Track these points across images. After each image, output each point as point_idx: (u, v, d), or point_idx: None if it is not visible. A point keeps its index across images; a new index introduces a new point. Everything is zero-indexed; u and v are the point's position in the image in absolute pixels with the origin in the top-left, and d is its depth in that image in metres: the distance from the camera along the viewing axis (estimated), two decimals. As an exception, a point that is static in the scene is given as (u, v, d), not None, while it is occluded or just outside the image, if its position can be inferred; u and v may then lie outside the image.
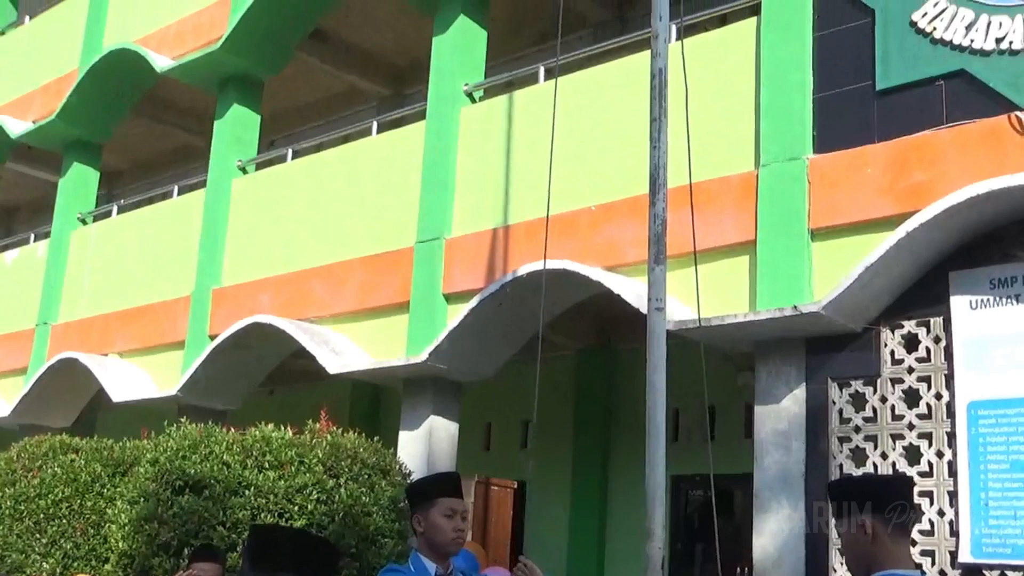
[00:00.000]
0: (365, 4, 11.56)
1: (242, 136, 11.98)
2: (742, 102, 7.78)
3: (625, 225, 8.15)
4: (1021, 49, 6.66)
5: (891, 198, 6.93)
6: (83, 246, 13.61)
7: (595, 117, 8.70)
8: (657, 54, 4.70)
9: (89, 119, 13.78)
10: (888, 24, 7.23)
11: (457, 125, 9.67)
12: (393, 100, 13.41)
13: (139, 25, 13.42)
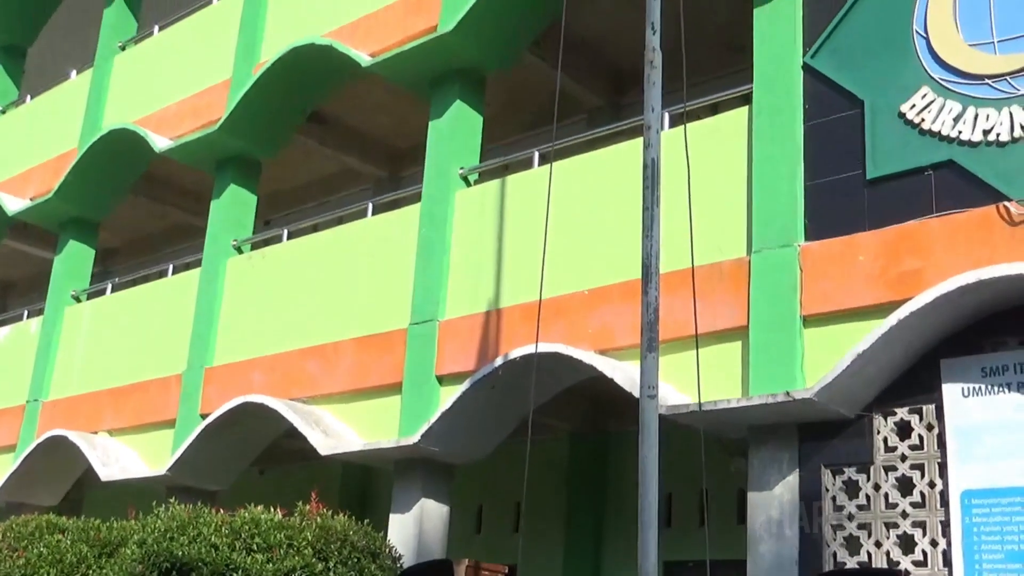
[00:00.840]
0: (363, 88, 11.73)
1: (238, 216, 12.06)
2: (734, 189, 7.87)
3: (617, 309, 8.19)
4: (1008, 141, 6.77)
5: (882, 286, 6.98)
6: (76, 323, 13.60)
7: (589, 202, 8.79)
8: (649, 144, 4.78)
9: (87, 197, 13.88)
10: (877, 115, 7.35)
11: (452, 208, 9.76)
12: (389, 182, 13.54)
13: (139, 106, 13.57)
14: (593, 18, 10.60)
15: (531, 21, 9.97)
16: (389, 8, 10.83)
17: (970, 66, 7.08)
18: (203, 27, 13.37)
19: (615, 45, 11.01)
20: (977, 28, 7.13)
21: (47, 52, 17.17)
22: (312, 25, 11.49)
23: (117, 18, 14.64)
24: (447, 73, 10.10)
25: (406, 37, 10.38)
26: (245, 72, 12.02)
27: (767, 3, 8.05)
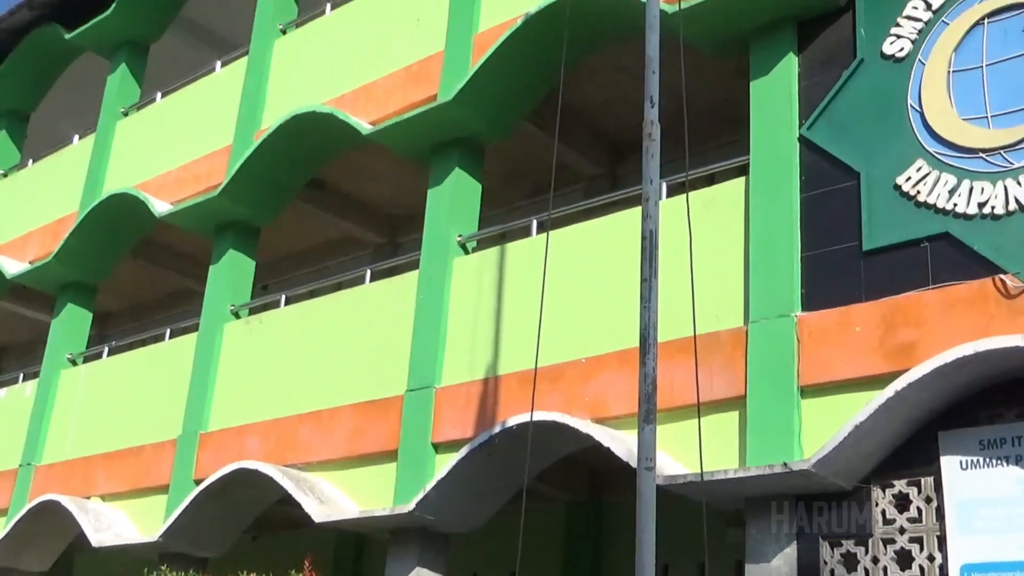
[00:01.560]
0: (362, 155, 11.82)
1: (236, 281, 12.08)
2: (732, 259, 7.91)
3: (614, 377, 8.18)
4: (1003, 214, 6.83)
5: (880, 357, 6.99)
6: (71, 387, 13.56)
7: (586, 270, 8.83)
8: (648, 216, 4.82)
9: (86, 261, 13.91)
10: (873, 187, 7.41)
11: (450, 275, 9.79)
12: (387, 248, 13.59)
13: (140, 170, 13.66)
14: (591, 88, 10.73)
15: (529, 91, 10.07)
16: (389, 77, 10.96)
17: (964, 140, 7.16)
18: (205, 94, 13.51)
19: (612, 115, 11.13)
20: (970, 103, 7.22)
21: (50, 117, 17.30)
22: (313, 93, 11.62)
23: (120, 84, 14.79)
24: (446, 142, 10.19)
25: (406, 106, 10.50)
26: (246, 138, 12.12)
27: (764, 76, 8.16)
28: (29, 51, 16.12)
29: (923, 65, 7.48)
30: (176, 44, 15.58)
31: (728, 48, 8.55)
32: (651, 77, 5.18)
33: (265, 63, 12.60)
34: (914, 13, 7.61)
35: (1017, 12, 7.21)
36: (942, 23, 7.49)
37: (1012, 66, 7.16)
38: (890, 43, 7.67)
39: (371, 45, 11.48)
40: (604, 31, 9.29)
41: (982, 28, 7.34)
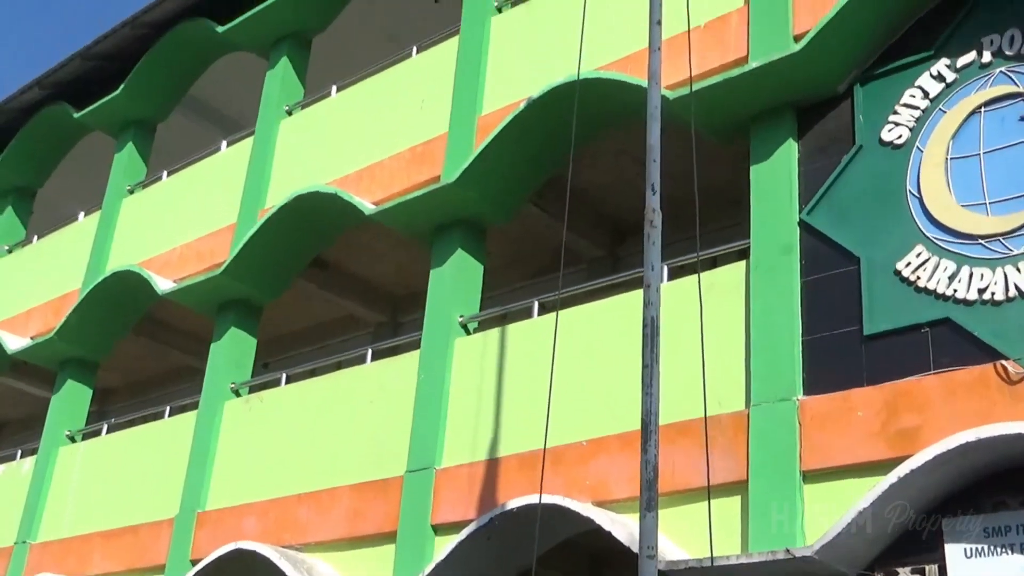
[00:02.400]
0: (365, 235, 11.90)
1: (238, 359, 12.08)
2: (733, 342, 7.92)
3: (616, 460, 8.15)
4: (1003, 300, 6.85)
5: (882, 442, 6.97)
6: (69, 464, 13.48)
7: (587, 352, 8.83)
8: (649, 303, 4.85)
9: (87, 338, 13.92)
10: (873, 272, 7.45)
11: (451, 356, 9.79)
12: (389, 327, 13.60)
13: (144, 248, 13.74)
14: (592, 170, 10.82)
15: (532, 174, 10.18)
16: (393, 158, 11.07)
17: (963, 226, 7.21)
18: (211, 173, 13.64)
19: (614, 197, 11.22)
20: (969, 189, 7.29)
21: (56, 193, 17.45)
22: (318, 173, 11.73)
23: (127, 162, 14.94)
24: (449, 223, 10.27)
25: (409, 187, 10.59)
26: (250, 217, 12.21)
27: (764, 161, 8.26)
28: (38, 129, 16.31)
29: (921, 152, 7.56)
30: (183, 123, 15.80)
31: (729, 133, 8.66)
32: (652, 165, 5.25)
33: (270, 143, 12.74)
34: (911, 101, 7.72)
35: (1014, 101, 7.32)
36: (939, 111, 7.60)
37: (1010, 154, 7.24)
38: (888, 130, 7.76)
39: (376, 126, 11.62)
40: (606, 116, 9.41)
41: (979, 116, 7.43)
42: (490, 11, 10.99)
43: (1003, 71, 7.41)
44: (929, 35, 7.82)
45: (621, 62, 9.34)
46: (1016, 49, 7.38)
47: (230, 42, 13.71)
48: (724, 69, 8.50)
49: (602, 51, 9.44)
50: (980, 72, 7.51)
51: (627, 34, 9.37)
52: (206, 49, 14.26)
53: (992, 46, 7.50)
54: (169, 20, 14.18)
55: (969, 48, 7.60)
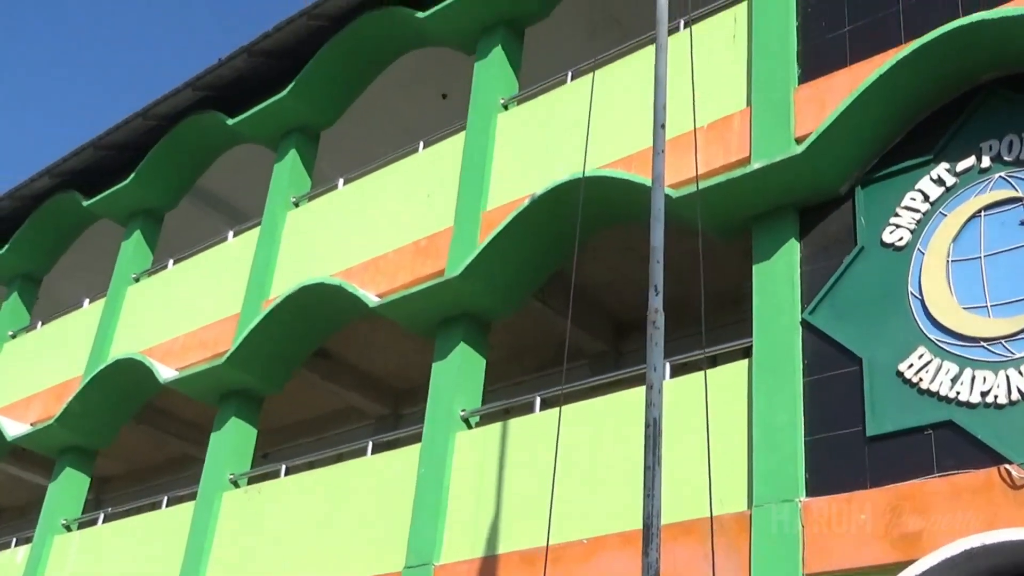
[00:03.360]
0: (369, 327, 11.93)
1: (238, 450, 12.02)
2: (735, 442, 7.88)
3: (616, 558, 8.04)
4: (1006, 404, 6.84)
5: (886, 545, 6.89)
6: (64, 553, 13.32)
7: (589, 448, 8.78)
8: (651, 404, 4.84)
9: (87, 425, 13.86)
10: (875, 373, 7.45)
11: (452, 450, 9.73)
12: (390, 420, 13.55)
13: (147, 335, 13.77)
14: (595, 266, 10.89)
15: (536, 269, 10.24)
16: (398, 251, 11.15)
17: (965, 328, 7.23)
18: (216, 262, 13.72)
19: (617, 293, 11.27)
20: (970, 292, 7.32)
21: (61, 279, 17.55)
22: (323, 264, 11.81)
23: (134, 251, 15.04)
24: (452, 317, 10.29)
25: (414, 280, 10.65)
26: (254, 307, 12.26)
27: (766, 260, 8.31)
28: (47, 216, 16.46)
29: (923, 254, 7.62)
30: (190, 212, 15.96)
31: (731, 232, 8.73)
32: (655, 266, 5.29)
33: (276, 234, 12.84)
34: (912, 204, 7.80)
35: (1014, 206, 7.39)
36: (940, 214, 7.67)
37: (1010, 257, 7.28)
38: (890, 232, 7.83)
39: (381, 219, 11.72)
40: (610, 213, 9.49)
41: (979, 220, 7.50)
42: (496, 108, 11.16)
43: (1002, 176, 7.50)
44: (929, 139, 7.94)
45: (625, 160, 9.46)
46: (1015, 155, 7.48)
47: (240, 134, 13.91)
48: (727, 169, 8.61)
49: (607, 149, 9.57)
50: (979, 177, 7.60)
51: (632, 133, 9.50)
52: (216, 140, 14.46)
53: (991, 151, 7.60)
54: (181, 112, 14.41)
55: (968, 153, 7.70)
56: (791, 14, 8.99)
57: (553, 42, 12.40)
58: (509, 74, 11.43)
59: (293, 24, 12.86)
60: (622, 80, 10.01)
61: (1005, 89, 7.72)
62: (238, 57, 13.43)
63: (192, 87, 13.95)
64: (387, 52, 12.93)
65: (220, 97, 14.07)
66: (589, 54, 10.79)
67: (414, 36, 12.40)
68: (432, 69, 13.40)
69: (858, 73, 8.26)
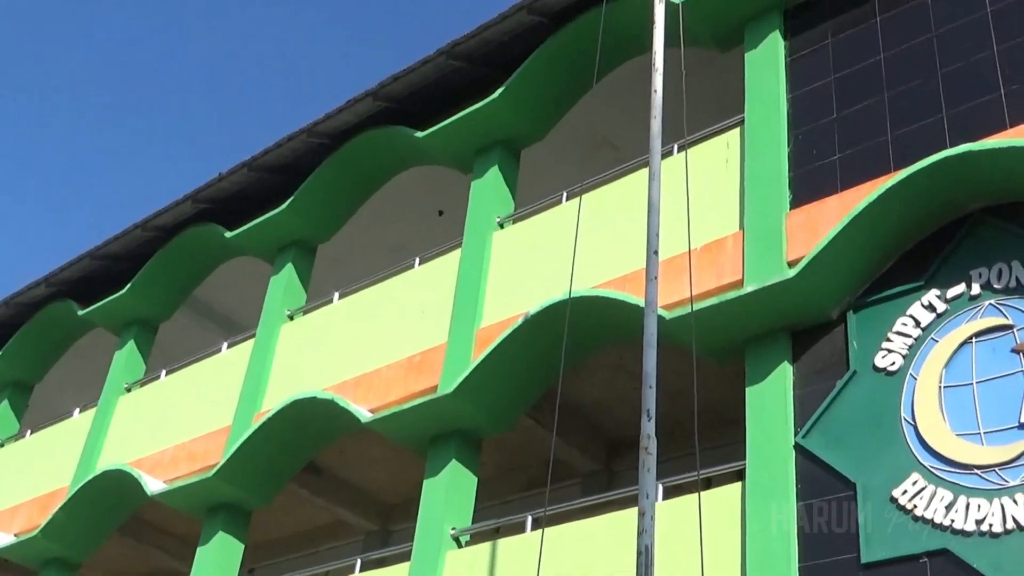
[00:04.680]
0: (360, 442, 11.86)
1: (223, 565, 11.81)
2: (728, 565, 7.79)
3: None
4: (1001, 532, 6.78)
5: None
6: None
7: (580, 570, 8.66)
8: (643, 531, 4.81)
9: (72, 537, 13.65)
10: (869, 498, 7.40)
11: (442, 568, 9.59)
12: (379, 536, 13.37)
13: (136, 447, 13.67)
14: (589, 385, 10.89)
15: (529, 387, 10.23)
16: (391, 367, 11.16)
17: (959, 455, 7.21)
18: (209, 374, 13.70)
19: (610, 412, 11.25)
20: (963, 419, 7.33)
21: (52, 388, 17.47)
22: (316, 378, 11.80)
23: (127, 360, 15.02)
24: (444, 433, 10.25)
25: (406, 396, 10.64)
26: (246, 421, 12.20)
27: (759, 383, 8.33)
28: (41, 325, 16.48)
29: (915, 379, 7.64)
30: (185, 322, 15.98)
31: (724, 354, 8.76)
32: (648, 391, 5.31)
33: (270, 347, 12.85)
34: (904, 329, 7.85)
35: (1004, 333, 7.44)
36: (932, 340, 7.72)
37: (1002, 384, 7.31)
38: (882, 356, 7.87)
39: (375, 334, 11.75)
40: (603, 332, 9.54)
41: (971, 346, 7.55)
42: (492, 226, 11.30)
43: (992, 303, 7.57)
44: (919, 266, 8.03)
45: (619, 280, 9.54)
46: (1004, 283, 7.57)
47: (237, 246, 14.03)
48: (720, 292, 8.69)
49: (601, 269, 9.66)
50: (970, 304, 7.67)
51: (625, 253, 9.60)
52: (213, 253, 14.57)
53: (981, 279, 7.69)
54: (180, 224, 14.56)
55: (959, 280, 7.78)
56: (783, 141, 9.18)
57: (549, 163, 12.61)
58: (505, 193, 11.60)
59: (293, 140, 13.09)
60: (616, 201, 10.16)
61: (993, 218, 7.84)
62: (238, 171, 13.63)
63: (192, 200, 14.12)
64: (385, 169, 13.14)
65: (219, 210, 14.24)
66: (584, 175, 10.98)
67: (412, 154, 12.61)
68: (429, 186, 13.59)
69: (849, 199, 8.41)
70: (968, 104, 8.23)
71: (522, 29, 11.42)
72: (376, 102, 12.42)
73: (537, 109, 11.68)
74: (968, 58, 8.44)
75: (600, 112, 12.24)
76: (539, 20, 11.27)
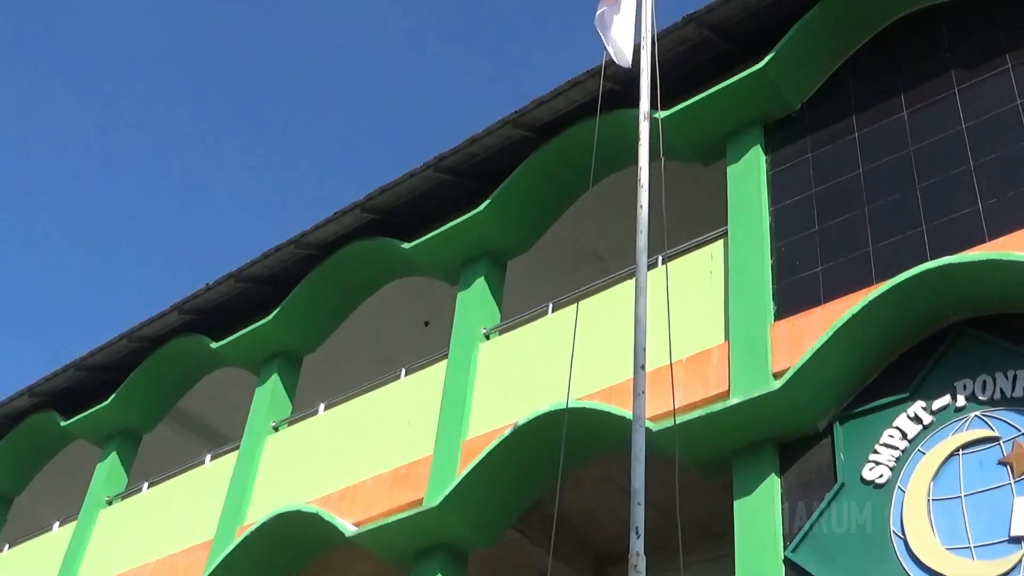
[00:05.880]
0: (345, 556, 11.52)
1: None
2: None
3: None
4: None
5: None
6: None
7: None
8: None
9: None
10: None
11: None
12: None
13: (116, 561, 13.41)
14: (575, 496, 10.75)
15: (516, 500, 10.13)
16: (377, 479, 11.05)
17: (950, 570, 7.14)
18: (192, 486, 13.53)
19: (598, 525, 11.10)
20: (952, 532, 7.27)
21: (31, 501, 17.19)
22: (300, 491, 11.66)
23: (109, 472, 14.83)
24: (430, 547, 10.11)
25: (391, 509, 10.51)
26: (228, 534, 12.01)
27: (747, 496, 8.28)
28: (23, 436, 16.30)
29: (903, 492, 7.60)
30: (168, 433, 15.83)
31: (712, 466, 8.72)
32: (636, 508, 5.27)
33: (255, 459, 12.73)
34: (891, 441, 7.84)
35: (991, 445, 7.44)
36: (919, 452, 7.70)
37: (991, 497, 7.27)
38: (869, 469, 7.84)
39: (360, 446, 11.66)
40: (590, 444, 9.48)
41: (958, 459, 7.53)
42: (478, 337, 11.31)
43: (978, 415, 7.58)
44: (904, 377, 8.06)
45: (605, 392, 9.53)
46: (989, 395, 7.59)
47: (223, 357, 13.98)
48: (706, 403, 8.68)
49: (587, 381, 9.64)
50: (956, 415, 7.68)
51: (612, 365, 9.60)
52: (199, 364, 14.52)
53: (966, 390, 7.71)
54: (165, 334, 14.52)
55: (944, 391, 7.81)
56: (766, 253, 9.28)
57: (535, 274, 12.68)
58: (491, 304, 11.65)
59: (281, 251, 13.15)
60: (602, 312, 10.20)
61: (976, 329, 7.90)
62: (225, 282, 13.67)
63: (178, 310, 14.12)
64: (372, 280, 13.19)
65: (205, 320, 14.23)
66: (570, 286, 11.06)
67: (399, 266, 12.69)
68: (415, 297, 13.64)
69: (832, 311, 8.47)
70: (947, 217, 8.37)
71: (508, 143, 11.60)
72: (363, 214, 12.53)
73: (523, 221, 11.82)
74: (946, 172, 8.60)
75: (585, 223, 12.38)
76: (525, 134, 11.46)
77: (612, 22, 7.70)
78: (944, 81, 9.09)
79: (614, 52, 7.69)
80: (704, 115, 10.17)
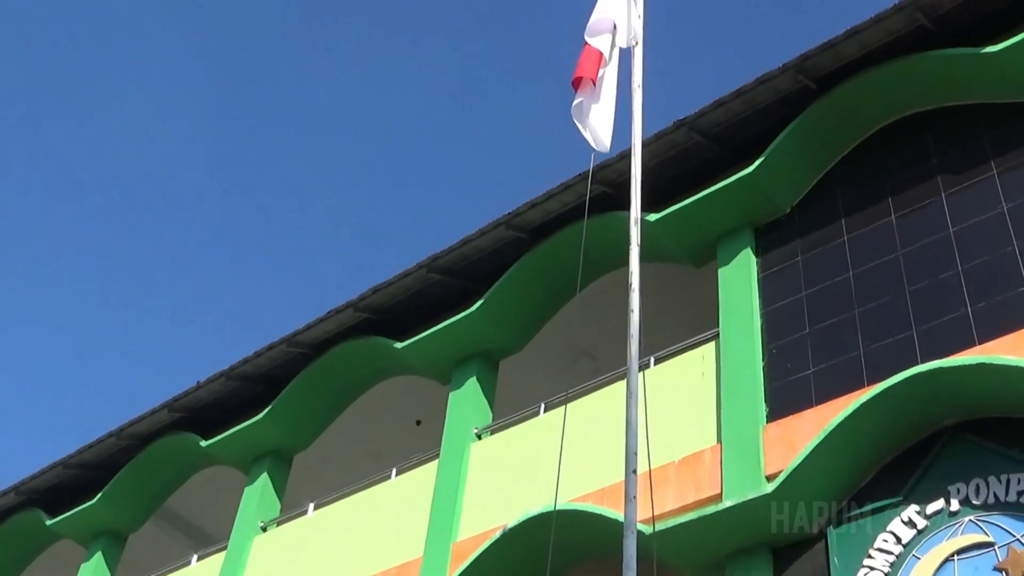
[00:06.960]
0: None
1: None
2: None
3: None
4: None
5: None
6: None
7: None
8: None
9: None
10: None
11: None
12: None
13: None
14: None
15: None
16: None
17: None
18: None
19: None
20: (949, 641, 7.17)
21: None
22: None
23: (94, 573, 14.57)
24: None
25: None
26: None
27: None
28: (8, 535, 16.03)
29: (899, 599, 7.51)
30: (154, 532, 15.61)
31: (705, 570, 8.61)
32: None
33: (242, 559, 12.55)
34: (884, 546, 7.77)
35: (985, 551, 7.37)
36: (913, 557, 7.63)
37: (990, 586, 7.20)
38: (864, 574, 7.75)
39: (350, 546, 11.53)
40: (581, 548, 9.38)
41: (953, 564, 7.46)
42: (470, 437, 11.26)
43: (972, 520, 7.53)
44: (897, 480, 8.02)
45: (597, 494, 9.45)
46: (983, 499, 7.55)
47: (213, 456, 13.87)
48: (698, 506, 8.62)
49: (578, 482, 9.58)
50: (950, 520, 7.63)
51: (603, 466, 9.55)
52: (187, 462, 14.39)
53: (959, 494, 7.67)
54: (155, 432, 14.41)
55: (937, 496, 7.76)
56: (757, 354, 9.30)
57: (527, 374, 12.67)
58: (483, 404, 11.62)
59: (273, 350, 13.14)
60: (594, 413, 10.17)
61: (968, 433, 7.89)
62: (217, 380, 13.61)
63: (169, 408, 14.03)
64: (364, 379, 13.17)
65: (195, 419, 14.13)
66: (562, 386, 11.02)
67: (391, 365, 12.68)
68: (407, 396, 13.59)
69: (824, 413, 8.46)
70: (937, 320, 8.42)
71: (501, 244, 11.69)
72: (357, 313, 12.56)
73: (515, 321, 11.85)
74: (935, 276, 8.68)
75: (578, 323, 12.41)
76: (517, 235, 11.56)
77: (590, 111, 7.78)
78: (931, 186, 9.23)
79: (592, 139, 7.75)
80: (695, 218, 10.29)
